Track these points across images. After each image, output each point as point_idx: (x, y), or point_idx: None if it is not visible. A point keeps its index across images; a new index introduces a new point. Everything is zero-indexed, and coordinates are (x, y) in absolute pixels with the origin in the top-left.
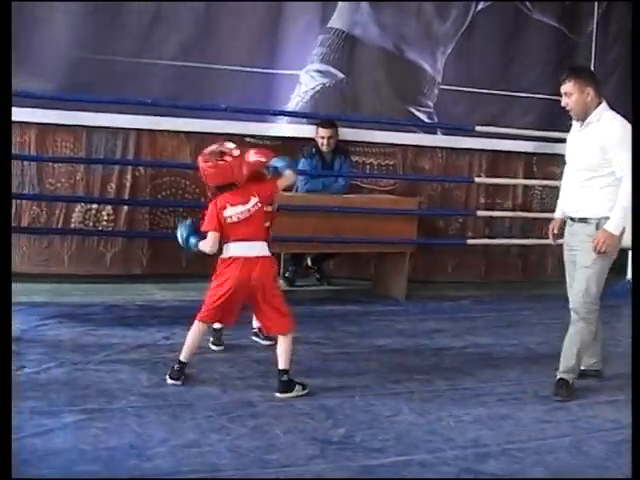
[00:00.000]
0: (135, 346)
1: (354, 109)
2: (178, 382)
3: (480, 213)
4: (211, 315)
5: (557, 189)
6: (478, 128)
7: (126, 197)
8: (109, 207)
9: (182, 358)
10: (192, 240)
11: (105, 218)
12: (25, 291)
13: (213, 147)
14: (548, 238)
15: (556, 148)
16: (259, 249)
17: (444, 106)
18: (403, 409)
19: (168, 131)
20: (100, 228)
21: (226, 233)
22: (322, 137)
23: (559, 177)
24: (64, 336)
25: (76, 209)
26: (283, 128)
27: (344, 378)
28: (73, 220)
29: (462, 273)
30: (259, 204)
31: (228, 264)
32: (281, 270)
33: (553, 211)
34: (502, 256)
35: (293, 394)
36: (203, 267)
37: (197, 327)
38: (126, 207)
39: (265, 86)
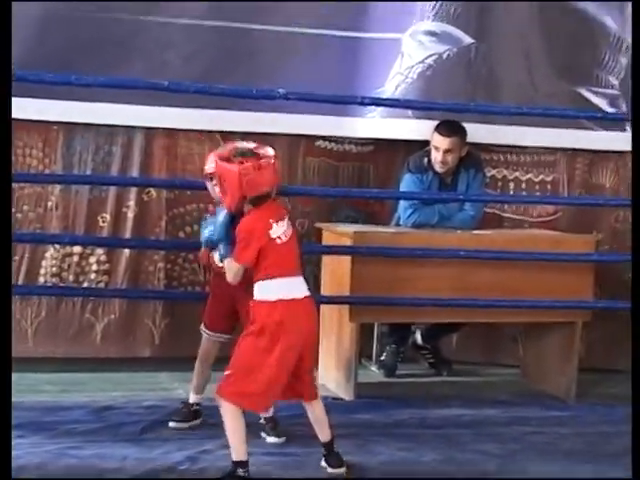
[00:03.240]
0: (142, 474)
1: (490, 94)
2: None
3: None
4: (266, 401)
5: None
6: None
7: (127, 235)
8: (100, 251)
9: (237, 458)
10: (223, 245)
11: (94, 268)
12: None
13: (232, 146)
14: None
15: None
16: (304, 286)
17: None
18: None
19: (194, 130)
20: (86, 284)
21: (265, 264)
22: (436, 148)
23: None
24: (26, 460)
25: (47, 253)
26: (376, 125)
27: None
28: (43, 271)
29: None
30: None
31: (272, 311)
32: (374, 351)
33: None
34: None
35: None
36: None
37: (235, 414)
38: (128, 251)
39: (348, 59)
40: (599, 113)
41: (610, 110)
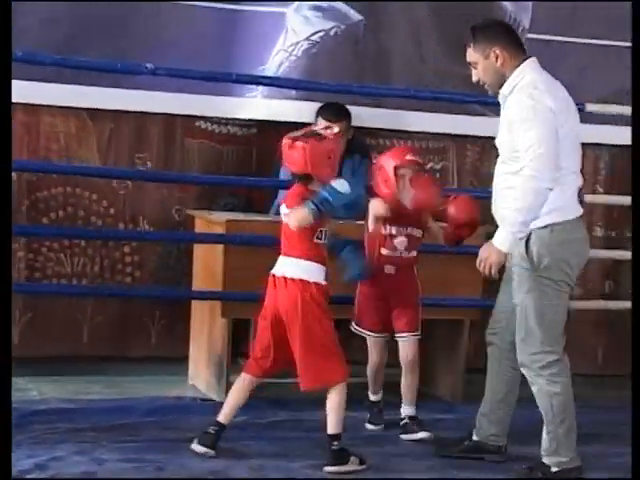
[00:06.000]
0: None
1: (378, 74)
2: (211, 451)
3: (598, 253)
4: (255, 364)
5: None
6: (591, 108)
7: None
8: None
9: (220, 418)
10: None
11: None
12: None
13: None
14: None
15: None
16: (284, 267)
17: None
18: None
19: (59, 107)
20: None
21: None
22: None
23: None
24: None
25: None
26: (257, 105)
27: None
28: None
29: None
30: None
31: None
32: (250, 349)
33: None
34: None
35: (347, 468)
36: (121, 343)
37: (241, 379)
38: None
39: (226, 33)
40: (491, 98)
41: None
